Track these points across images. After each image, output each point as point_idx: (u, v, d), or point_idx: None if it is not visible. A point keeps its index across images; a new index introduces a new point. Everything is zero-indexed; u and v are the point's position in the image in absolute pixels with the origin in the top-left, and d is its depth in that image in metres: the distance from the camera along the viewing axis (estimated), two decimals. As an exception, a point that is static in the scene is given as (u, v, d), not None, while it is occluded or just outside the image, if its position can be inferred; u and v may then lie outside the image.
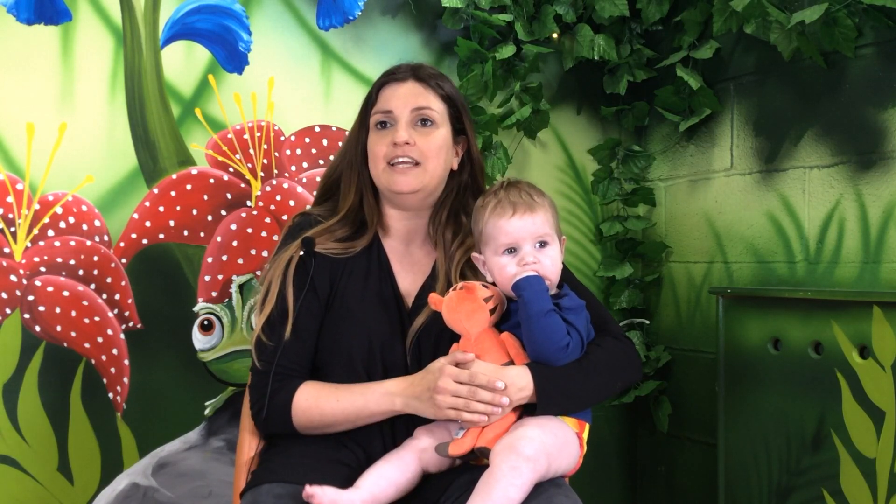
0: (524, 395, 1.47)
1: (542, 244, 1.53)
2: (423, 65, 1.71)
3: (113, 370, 2.13)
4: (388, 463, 1.49)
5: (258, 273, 2.27)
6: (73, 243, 2.09)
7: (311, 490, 1.40)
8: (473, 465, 1.50)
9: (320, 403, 1.55)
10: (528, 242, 1.52)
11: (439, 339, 1.57)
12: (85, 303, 2.09)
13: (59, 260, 2.07)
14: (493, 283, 1.57)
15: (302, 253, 1.62)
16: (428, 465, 1.50)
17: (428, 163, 1.63)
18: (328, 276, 1.63)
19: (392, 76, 1.69)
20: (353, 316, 1.60)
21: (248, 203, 2.28)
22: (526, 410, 1.50)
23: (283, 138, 2.32)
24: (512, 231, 1.52)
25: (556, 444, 1.46)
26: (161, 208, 2.18)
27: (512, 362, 1.50)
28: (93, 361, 2.11)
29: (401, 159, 1.62)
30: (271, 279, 1.62)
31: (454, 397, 1.44)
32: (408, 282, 1.66)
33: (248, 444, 1.68)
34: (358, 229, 1.69)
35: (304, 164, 2.34)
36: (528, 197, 1.55)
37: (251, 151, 2.28)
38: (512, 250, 1.53)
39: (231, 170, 2.26)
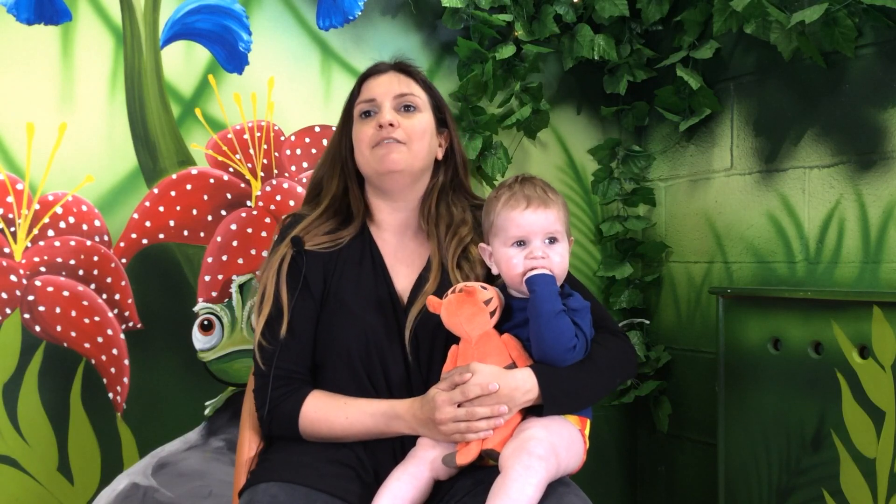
0: (530, 398, 1.47)
1: (552, 240, 1.54)
2: (405, 59, 1.75)
3: (113, 370, 2.13)
4: (399, 481, 1.48)
5: (258, 273, 2.27)
6: (73, 243, 2.09)
7: None
8: (478, 466, 1.50)
9: (329, 418, 1.56)
10: (539, 237, 1.53)
11: (436, 331, 1.57)
12: (85, 303, 2.09)
13: (59, 260, 2.07)
14: (497, 277, 1.57)
15: (293, 252, 1.63)
16: (438, 473, 1.50)
17: (413, 143, 1.64)
18: (321, 271, 1.63)
19: (374, 69, 1.73)
20: (349, 312, 1.60)
21: (248, 203, 2.28)
22: (529, 410, 1.50)
23: (283, 138, 2.32)
24: (524, 224, 1.52)
25: (563, 442, 1.47)
26: (161, 208, 2.18)
27: (514, 364, 1.50)
28: (93, 361, 2.11)
29: (385, 141, 1.63)
30: (266, 281, 1.62)
31: (455, 423, 1.44)
32: (402, 275, 1.66)
33: (248, 444, 1.68)
34: (344, 220, 1.69)
35: (304, 164, 2.34)
36: (543, 192, 1.55)
37: (251, 151, 2.28)
38: (521, 243, 1.53)
39: (231, 170, 2.26)
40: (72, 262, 2.08)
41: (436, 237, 1.68)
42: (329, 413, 1.56)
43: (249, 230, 2.26)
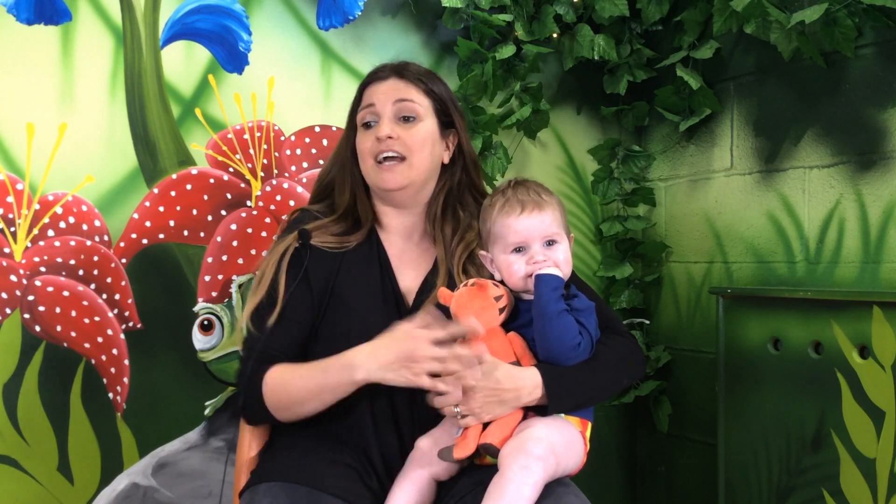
0: (535, 397, 1.47)
1: (551, 243, 1.54)
2: (408, 63, 1.71)
3: (113, 370, 2.13)
4: (402, 490, 1.48)
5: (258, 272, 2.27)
6: (73, 243, 2.09)
7: None
8: (478, 464, 1.50)
9: (286, 381, 1.53)
10: (537, 241, 1.53)
11: None
12: (85, 303, 2.09)
13: (59, 260, 2.07)
14: (501, 282, 1.57)
15: (298, 244, 1.62)
16: (438, 474, 1.50)
17: (413, 156, 1.63)
18: (324, 269, 1.62)
19: (375, 75, 1.70)
20: (354, 314, 1.60)
21: (248, 203, 2.28)
22: (534, 410, 1.50)
23: (283, 138, 2.32)
24: (521, 230, 1.52)
25: (563, 443, 1.47)
26: (161, 208, 2.18)
27: (518, 362, 1.50)
28: (93, 361, 2.11)
29: (385, 154, 1.62)
30: (265, 268, 1.62)
31: (430, 362, 1.40)
32: (408, 278, 1.66)
33: (248, 444, 1.68)
34: (353, 225, 1.69)
35: (304, 164, 2.34)
36: (537, 195, 1.55)
37: (251, 151, 2.28)
38: (520, 249, 1.53)
39: (231, 170, 2.26)
40: (72, 262, 2.08)
41: (442, 242, 1.67)
42: (285, 377, 1.53)
43: (249, 230, 2.26)
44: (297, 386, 1.52)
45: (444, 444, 1.49)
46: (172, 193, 2.19)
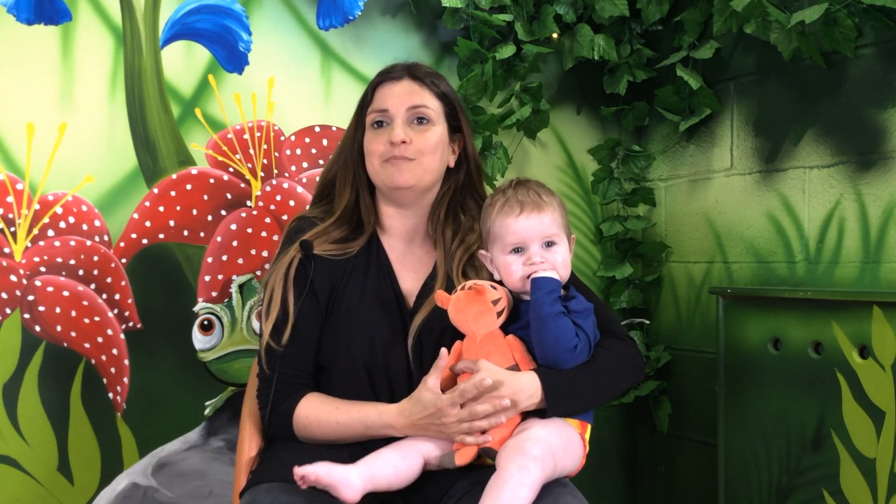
0: (533, 402, 1.47)
1: (550, 244, 1.53)
2: (419, 64, 1.72)
3: (113, 370, 2.13)
4: (390, 449, 1.49)
5: (258, 273, 2.27)
6: (73, 243, 2.09)
7: (300, 471, 1.39)
8: (476, 464, 1.50)
9: (320, 422, 1.56)
10: (536, 242, 1.52)
11: (441, 337, 1.57)
12: (85, 303, 2.09)
13: (59, 260, 2.07)
14: (500, 281, 1.57)
15: (301, 256, 1.62)
16: (430, 461, 1.50)
17: (423, 158, 1.63)
18: (328, 278, 1.63)
19: (387, 75, 1.70)
20: (354, 316, 1.60)
21: (248, 203, 2.28)
22: (533, 413, 1.50)
23: (283, 138, 2.32)
24: (519, 230, 1.52)
25: (561, 444, 1.47)
26: (161, 208, 2.18)
27: (517, 365, 1.50)
28: (93, 361, 2.11)
29: (396, 158, 1.62)
30: (273, 284, 1.62)
31: (459, 423, 1.44)
32: (409, 281, 1.66)
33: (248, 444, 1.69)
34: (355, 229, 1.69)
35: (304, 164, 2.34)
36: (537, 196, 1.55)
37: (251, 151, 2.28)
38: (518, 250, 1.53)
39: (231, 170, 2.26)
40: (72, 262, 2.08)
41: (442, 245, 1.67)
42: (320, 417, 1.56)
43: (249, 230, 2.26)
44: (332, 429, 1.56)
45: (443, 443, 1.49)
46: (172, 193, 2.19)
